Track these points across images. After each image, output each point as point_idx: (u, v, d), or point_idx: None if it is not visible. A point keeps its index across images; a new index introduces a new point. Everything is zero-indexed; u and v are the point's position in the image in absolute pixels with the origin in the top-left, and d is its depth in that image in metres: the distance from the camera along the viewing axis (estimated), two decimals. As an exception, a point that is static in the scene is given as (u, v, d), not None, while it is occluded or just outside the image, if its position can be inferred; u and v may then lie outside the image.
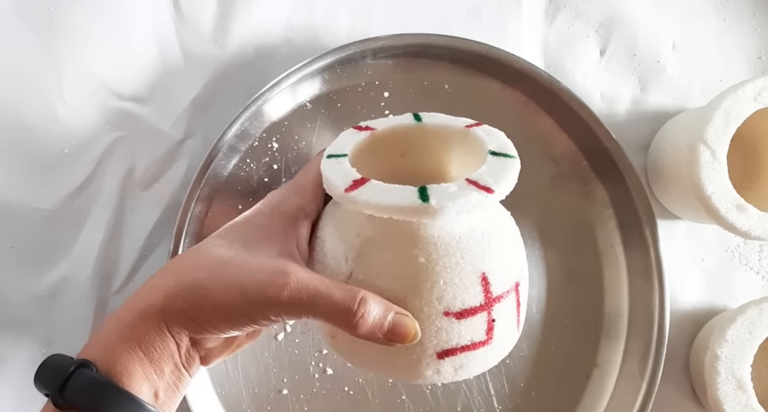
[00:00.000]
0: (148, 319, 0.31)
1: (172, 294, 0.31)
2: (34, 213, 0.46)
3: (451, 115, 0.38)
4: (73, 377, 0.29)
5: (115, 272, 0.47)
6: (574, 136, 0.50)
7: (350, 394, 0.47)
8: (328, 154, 0.35)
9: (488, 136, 0.35)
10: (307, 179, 0.36)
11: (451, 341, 0.31)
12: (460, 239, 0.31)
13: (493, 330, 0.32)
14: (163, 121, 0.48)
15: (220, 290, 0.30)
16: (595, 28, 0.52)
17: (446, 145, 0.37)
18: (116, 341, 0.31)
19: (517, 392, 0.49)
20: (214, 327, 0.31)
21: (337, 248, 0.33)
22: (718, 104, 0.44)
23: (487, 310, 0.31)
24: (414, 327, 0.30)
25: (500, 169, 0.32)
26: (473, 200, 0.29)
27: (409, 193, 0.30)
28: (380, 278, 0.31)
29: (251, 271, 0.31)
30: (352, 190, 0.31)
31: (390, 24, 0.50)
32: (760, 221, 0.44)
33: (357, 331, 0.30)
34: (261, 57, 0.49)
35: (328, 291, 0.30)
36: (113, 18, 0.47)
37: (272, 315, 0.30)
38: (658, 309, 0.48)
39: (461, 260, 0.31)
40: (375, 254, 0.31)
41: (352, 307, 0.29)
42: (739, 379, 0.46)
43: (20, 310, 0.46)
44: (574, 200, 0.50)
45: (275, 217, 0.34)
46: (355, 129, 0.37)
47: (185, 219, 0.45)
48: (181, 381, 0.32)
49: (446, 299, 0.31)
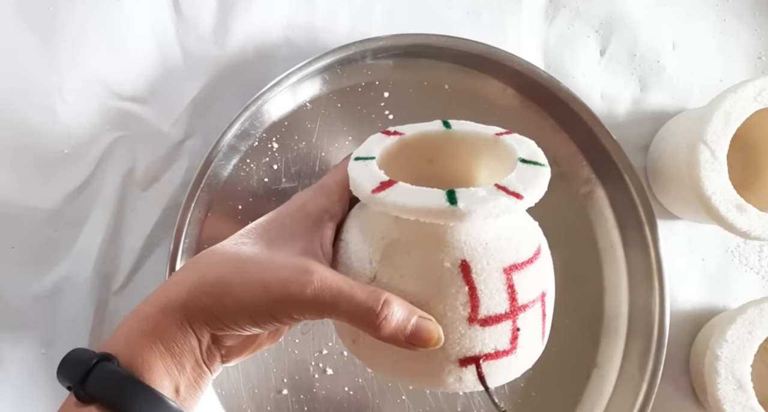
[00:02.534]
0: (169, 314, 0.31)
1: (195, 289, 0.31)
2: (34, 213, 0.46)
3: (478, 123, 0.37)
4: (95, 370, 0.29)
5: (115, 272, 0.47)
6: (574, 136, 0.50)
7: (350, 394, 0.47)
8: (355, 156, 0.34)
9: (518, 144, 0.34)
10: (333, 181, 0.36)
11: (474, 348, 0.30)
12: (487, 245, 0.31)
13: (517, 340, 0.31)
14: (163, 121, 0.48)
15: (243, 287, 0.30)
16: (595, 28, 0.52)
17: (475, 153, 0.37)
18: (138, 336, 0.30)
19: (517, 392, 0.49)
20: (235, 324, 0.31)
21: (361, 250, 0.32)
22: (718, 104, 0.44)
23: (513, 318, 0.31)
24: (437, 332, 0.30)
25: (530, 177, 0.31)
26: (502, 205, 0.29)
27: (437, 196, 0.29)
28: (404, 281, 0.31)
29: (274, 268, 0.31)
30: (379, 192, 0.30)
31: (390, 24, 0.50)
32: (760, 221, 0.44)
33: (379, 333, 0.29)
34: (261, 57, 0.49)
35: (352, 291, 0.30)
36: (113, 18, 0.47)
37: (294, 313, 0.30)
38: (658, 309, 0.48)
39: (487, 266, 0.30)
40: (400, 257, 0.31)
41: (375, 308, 0.29)
42: (739, 379, 0.46)
43: (20, 310, 0.46)
44: (574, 200, 0.50)
45: (299, 217, 0.34)
46: (383, 134, 0.37)
47: (185, 219, 0.45)
48: (203, 378, 0.32)
49: (471, 305, 0.30)
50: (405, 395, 0.47)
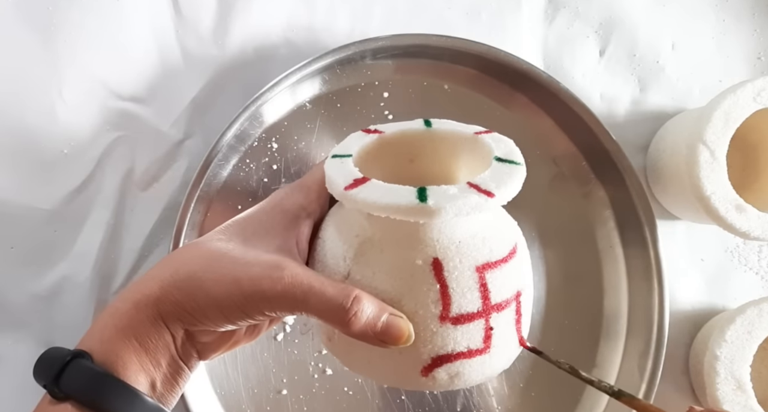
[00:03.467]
0: (143, 309, 0.31)
1: (167, 285, 0.31)
2: (34, 213, 0.46)
3: (459, 122, 0.37)
4: (69, 368, 0.29)
5: (115, 272, 0.47)
6: (573, 137, 0.50)
7: (350, 394, 0.47)
8: (333, 154, 0.34)
9: (496, 143, 0.34)
10: (312, 179, 0.36)
11: (446, 346, 0.31)
12: (460, 244, 0.31)
13: (491, 339, 0.31)
14: (163, 121, 0.48)
15: (214, 282, 0.30)
16: (594, 29, 0.52)
17: (455, 152, 0.37)
18: (112, 332, 0.30)
19: (516, 392, 0.49)
20: (208, 319, 0.31)
21: (336, 247, 0.33)
22: (717, 105, 0.44)
23: (485, 317, 0.31)
24: (407, 329, 0.30)
25: (503, 175, 0.31)
26: (472, 203, 0.29)
27: (407, 193, 0.29)
28: (377, 278, 0.31)
29: (247, 264, 0.31)
30: (351, 189, 0.30)
31: (390, 24, 0.50)
32: (760, 221, 0.44)
33: (349, 329, 0.29)
34: (261, 57, 0.49)
35: (322, 288, 0.30)
36: (113, 18, 0.47)
37: (266, 309, 0.30)
38: (658, 309, 0.48)
39: (459, 264, 0.30)
40: (373, 255, 0.31)
41: (345, 304, 0.29)
42: (739, 379, 0.46)
43: (20, 310, 0.46)
44: (573, 200, 0.50)
45: (276, 214, 0.34)
46: (363, 132, 0.37)
47: (185, 219, 0.45)
48: (180, 375, 0.32)
49: (442, 303, 0.30)
50: (405, 395, 0.48)
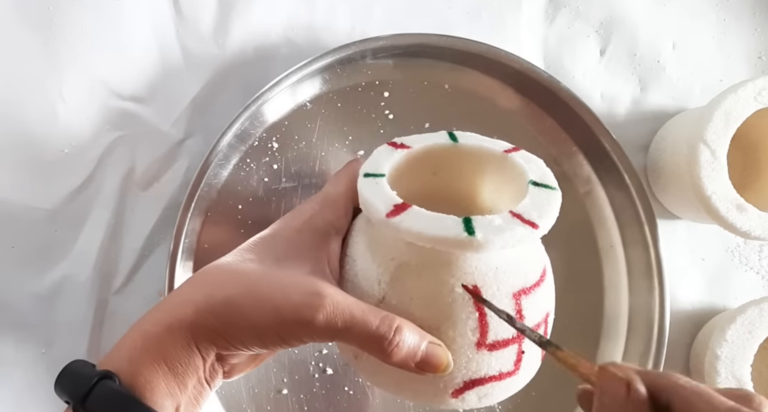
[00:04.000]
0: (176, 333, 0.30)
1: (203, 310, 0.30)
2: (34, 213, 0.46)
3: (486, 137, 0.37)
4: (96, 388, 0.29)
5: (115, 272, 0.47)
6: (574, 136, 0.50)
7: (350, 394, 0.47)
8: (365, 172, 0.34)
9: (528, 164, 0.34)
10: (338, 193, 0.35)
11: (479, 371, 0.31)
12: (497, 270, 0.30)
13: (521, 362, 0.31)
14: (163, 121, 0.48)
15: (253, 309, 0.30)
16: (595, 28, 0.52)
17: (480, 168, 0.36)
18: (141, 354, 0.30)
19: (517, 392, 0.49)
20: (243, 345, 0.30)
21: (369, 268, 0.32)
22: (718, 104, 0.44)
23: (519, 342, 0.31)
24: (447, 358, 0.30)
25: (543, 203, 0.31)
26: (518, 235, 0.29)
27: (454, 225, 0.29)
28: (414, 304, 0.30)
29: (285, 289, 0.30)
30: (393, 216, 0.30)
31: (390, 24, 0.50)
32: (760, 221, 0.44)
33: (390, 359, 0.29)
34: (261, 57, 0.49)
35: (364, 317, 0.29)
36: (113, 18, 0.47)
37: (305, 337, 0.30)
38: (658, 309, 0.48)
39: (497, 291, 0.30)
40: (410, 280, 0.31)
41: (387, 335, 0.29)
42: (739, 379, 0.46)
43: (20, 310, 0.46)
44: (574, 200, 0.50)
45: (306, 232, 0.33)
46: (389, 146, 0.36)
47: (185, 219, 0.45)
48: (202, 395, 0.32)
49: (480, 331, 0.30)
50: (405, 395, 0.47)
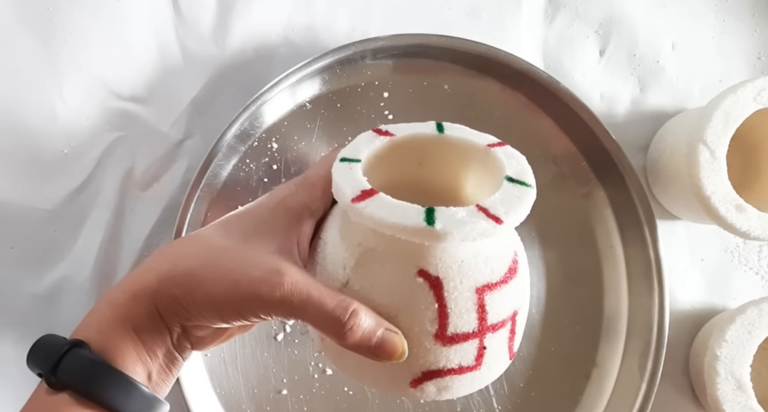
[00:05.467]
0: (140, 301, 0.30)
1: (165, 279, 0.31)
2: (34, 213, 0.46)
3: (465, 125, 0.37)
4: (67, 357, 0.29)
5: (115, 272, 0.47)
6: (573, 137, 0.50)
7: (350, 394, 0.47)
8: (341, 156, 0.34)
9: (508, 160, 0.33)
10: (317, 176, 0.35)
11: (438, 363, 0.30)
12: (462, 263, 0.30)
13: (483, 357, 0.31)
14: (163, 121, 0.48)
15: (213, 281, 0.30)
16: (594, 29, 0.52)
17: (465, 161, 0.36)
18: (110, 322, 0.30)
19: (516, 392, 0.49)
20: (203, 317, 0.31)
21: (337, 253, 0.32)
22: (717, 104, 0.44)
23: (480, 337, 0.31)
24: (402, 346, 0.30)
25: (513, 199, 0.31)
26: (479, 229, 0.29)
27: (415, 214, 0.29)
28: (375, 291, 0.31)
29: (246, 265, 0.30)
30: (358, 201, 0.30)
31: (390, 24, 0.50)
32: (760, 221, 0.44)
33: (344, 341, 0.29)
34: (261, 57, 0.49)
35: (321, 298, 0.29)
36: (113, 18, 0.47)
37: (262, 313, 0.30)
38: (658, 309, 0.48)
39: (460, 284, 0.30)
40: (374, 267, 0.31)
41: (342, 317, 0.29)
42: (739, 379, 0.46)
43: (20, 310, 0.46)
44: (573, 200, 0.50)
45: (279, 211, 0.34)
46: (374, 132, 0.36)
47: (185, 219, 0.45)
48: (174, 364, 0.32)
49: (438, 323, 0.30)
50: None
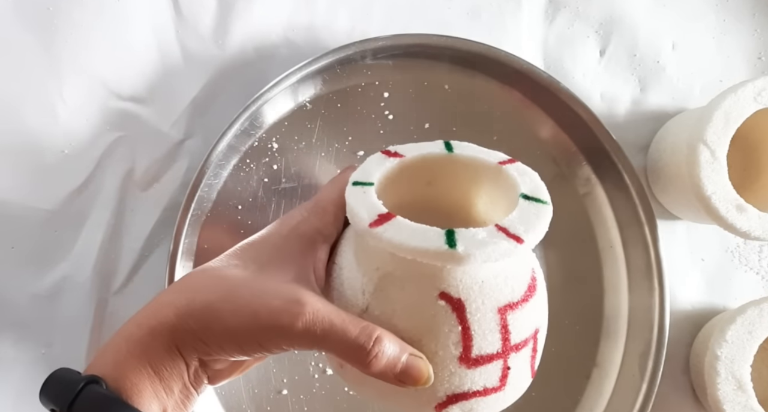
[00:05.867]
0: (158, 337, 0.30)
1: (183, 313, 0.30)
2: (34, 213, 0.46)
3: (483, 148, 0.36)
4: (83, 393, 0.29)
5: (115, 272, 0.47)
6: (574, 137, 0.50)
7: (350, 394, 0.47)
8: (354, 180, 0.33)
9: (521, 177, 0.33)
10: (328, 200, 0.34)
11: (463, 386, 0.30)
12: (483, 284, 0.30)
13: (507, 378, 0.31)
14: (163, 122, 0.48)
15: (232, 314, 0.30)
16: (595, 29, 0.52)
17: (475, 180, 0.36)
18: (126, 357, 0.30)
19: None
20: (223, 350, 0.30)
21: (354, 278, 0.32)
22: (717, 104, 0.44)
23: (504, 358, 0.30)
24: (427, 371, 0.29)
25: (531, 217, 0.31)
26: (501, 250, 0.28)
27: (435, 237, 0.29)
28: (396, 316, 0.30)
29: (265, 296, 0.30)
30: (376, 226, 0.29)
31: (390, 24, 0.50)
32: (760, 221, 0.44)
33: (369, 370, 0.29)
34: (261, 57, 0.49)
35: (344, 326, 0.29)
36: (113, 18, 0.47)
37: (284, 345, 0.29)
38: (658, 309, 0.48)
39: (482, 305, 0.30)
40: (393, 291, 0.30)
41: (366, 345, 0.29)
42: (739, 379, 0.46)
43: (20, 310, 0.46)
44: (573, 200, 0.50)
45: (292, 238, 0.33)
46: (383, 154, 0.36)
47: (185, 219, 0.45)
48: (189, 400, 0.32)
49: (463, 345, 0.30)
50: (405, 395, 0.47)
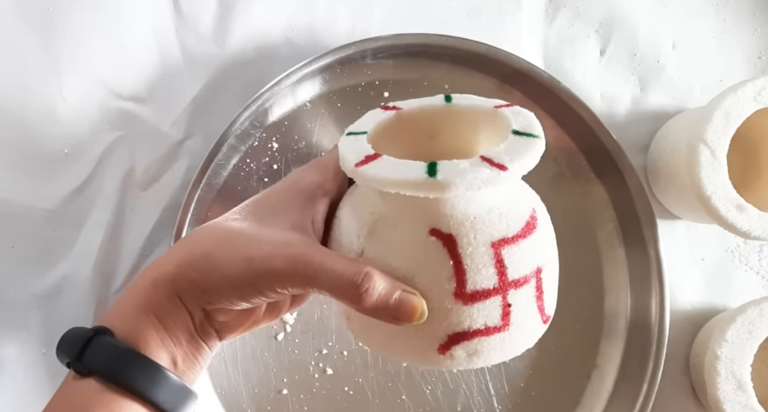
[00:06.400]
0: (160, 286, 0.31)
1: (183, 263, 0.31)
2: (34, 213, 0.46)
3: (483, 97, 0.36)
4: (92, 343, 0.30)
5: (115, 272, 0.47)
6: (574, 136, 0.50)
7: (350, 394, 0.47)
8: (348, 131, 0.34)
9: (515, 116, 0.33)
10: (330, 158, 0.35)
11: (462, 323, 0.30)
12: (474, 219, 0.30)
13: (509, 316, 0.30)
14: (163, 121, 0.48)
15: (228, 260, 0.30)
16: (595, 28, 0.52)
17: (475, 127, 0.36)
18: (132, 309, 0.31)
19: (517, 392, 0.49)
20: (223, 297, 0.31)
21: (351, 225, 0.32)
22: (718, 104, 0.44)
23: (502, 294, 0.30)
24: (420, 305, 0.29)
25: (519, 147, 0.30)
26: (483, 177, 0.28)
27: (417, 169, 0.29)
28: (390, 255, 0.30)
29: (260, 242, 0.31)
30: (362, 165, 0.30)
31: (390, 24, 0.50)
32: (760, 221, 0.44)
33: (361, 306, 0.29)
34: (261, 57, 0.49)
35: (333, 265, 0.29)
36: (113, 18, 0.47)
37: (277, 286, 0.30)
38: (658, 309, 0.48)
39: (474, 240, 0.30)
40: (386, 232, 0.31)
41: (356, 281, 0.29)
42: (739, 379, 0.46)
43: (20, 310, 0.46)
44: (574, 200, 0.50)
45: (292, 192, 0.34)
46: (381, 108, 0.36)
47: (185, 219, 0.45)
48: (200, 352, 0.33)
49: (456, 280, 0.29)
50: (405, 395, 0.47)
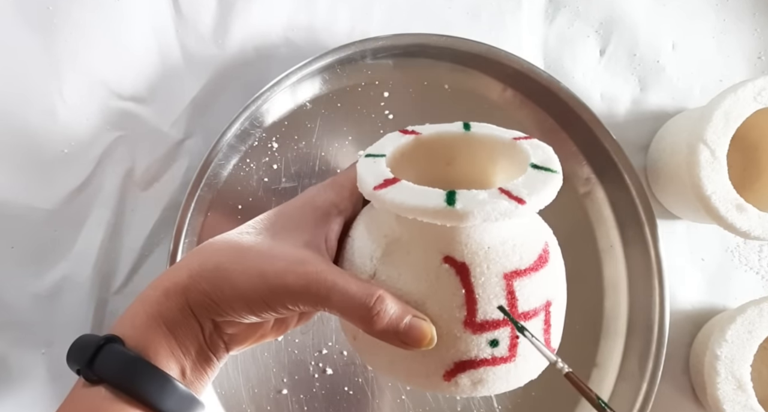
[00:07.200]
0: (172, 296, 0.31)
1: (195, 274, 0.31)
2: (34, 213, 0.46)
3: (500, 127, 0.37)
4: (102, 351, 0.30)
5: (115, 272, 0.47)
6: (574, 136, 0.50)
7: (350, 394, 0.47)
8: (366, 153, 0.34)
9: (533, 149, 0.34)
10: (346, 177, 0.36)
11: (469, 352, 0.30)
12: (488, 249, 0.30)
13: (516, 347, 0.31)
14: (163, 121, 0.48)
15: (240, 274, 0.31)
16: (595, 28, 0.52)
17: (492, 157, 0.36)
18: (142, 318, 0.31)
19: (517, 392, 0.48)
20: (233, 310, 0.31)
21: (364, 246, 0.32)
22: (717, 104, 0.44)
23: (511, 325, 0.30)
24: (430, 332, 0.30)
25: (537, 182, 0.31)
26: (501, 209, 0.29)
27: (436, 196, 0.29)
28: (402, 280, 0.31)
29: (273, 257, 0.31)
30: (380, 189, 0.30)
31: (390, 24, 0.50)
32: (760, 221, 0.44)
33: (371, 328, 0.29)
34: (261, 57, 0.49)
35: (346, 285, 0.30)
36: (113, 18, 0.47)
37: (289, 303, 0.30)
38: (658, 309, 0.48)
39: (487, 270, 0.30)
40: (399, 256, 0.31)
41: (368, 303, 0.29)
42: (739, 379, 0.46)
43: (20, 310, 0.46)
44: (573, 200, 0.50)
45: (307, 210, 0.34)
46: (400, 132, 0.36)
47: (185, 219, 0.45)
48: (209, 363, 0.33)
49: (467, 308, 0.30)
50: (405, 395, 0.47)
